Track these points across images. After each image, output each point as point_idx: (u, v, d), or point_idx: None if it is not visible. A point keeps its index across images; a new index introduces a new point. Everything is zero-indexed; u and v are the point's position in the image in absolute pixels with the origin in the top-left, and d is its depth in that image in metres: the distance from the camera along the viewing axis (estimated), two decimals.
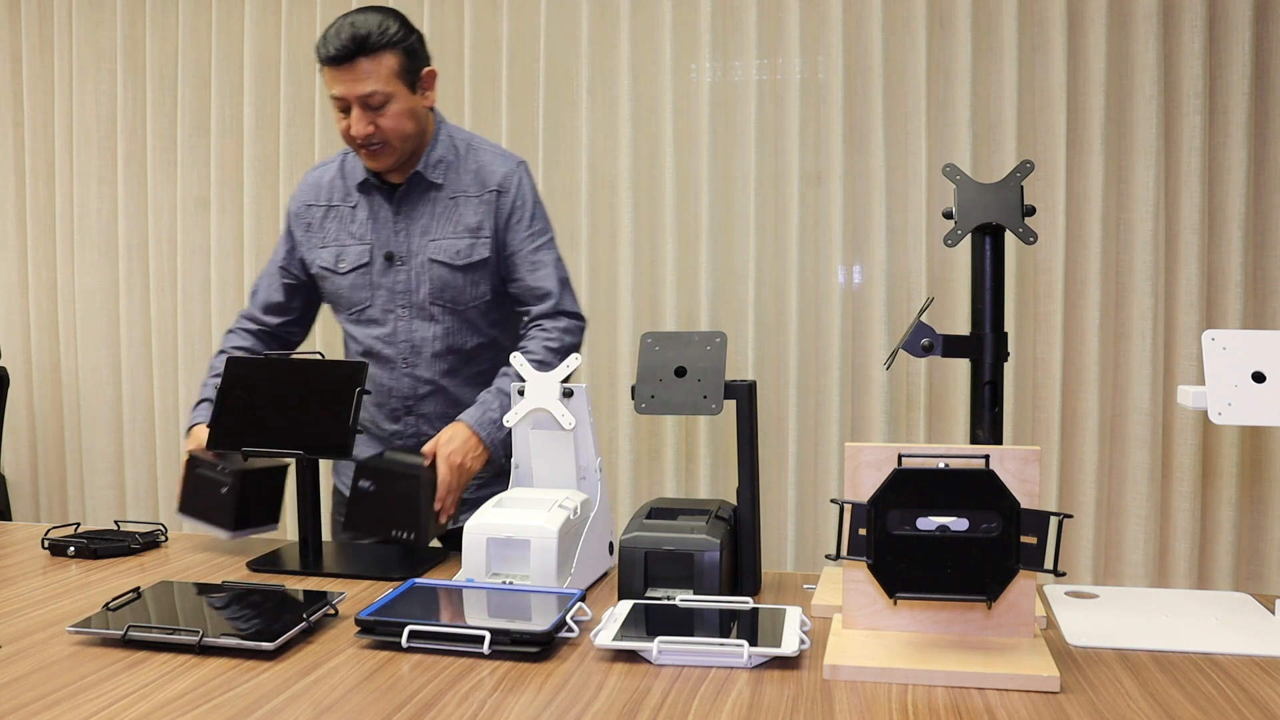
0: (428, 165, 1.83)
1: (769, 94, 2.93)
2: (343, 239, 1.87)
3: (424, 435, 1.87)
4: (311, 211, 1.91)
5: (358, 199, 1.87)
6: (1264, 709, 1.00)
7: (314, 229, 1.90)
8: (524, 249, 1.83)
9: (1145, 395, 2.77)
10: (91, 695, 1.04)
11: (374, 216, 1.85)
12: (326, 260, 1.88)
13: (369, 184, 1.86)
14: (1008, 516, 1.09)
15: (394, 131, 1.75)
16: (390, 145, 1.76)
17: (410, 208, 1.84)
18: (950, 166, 1.32)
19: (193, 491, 1.66)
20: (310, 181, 1.94)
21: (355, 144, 1.76)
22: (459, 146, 1.87)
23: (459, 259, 1.82)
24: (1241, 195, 2.71)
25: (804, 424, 2.93)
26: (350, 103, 1.72)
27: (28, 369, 3.46)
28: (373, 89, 1.70)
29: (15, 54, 3.43)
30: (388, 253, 1.83)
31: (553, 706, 1.01)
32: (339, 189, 1.89)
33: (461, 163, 1.85)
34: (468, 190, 1.83)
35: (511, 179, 1.84)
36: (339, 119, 1.76)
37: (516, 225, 1.83)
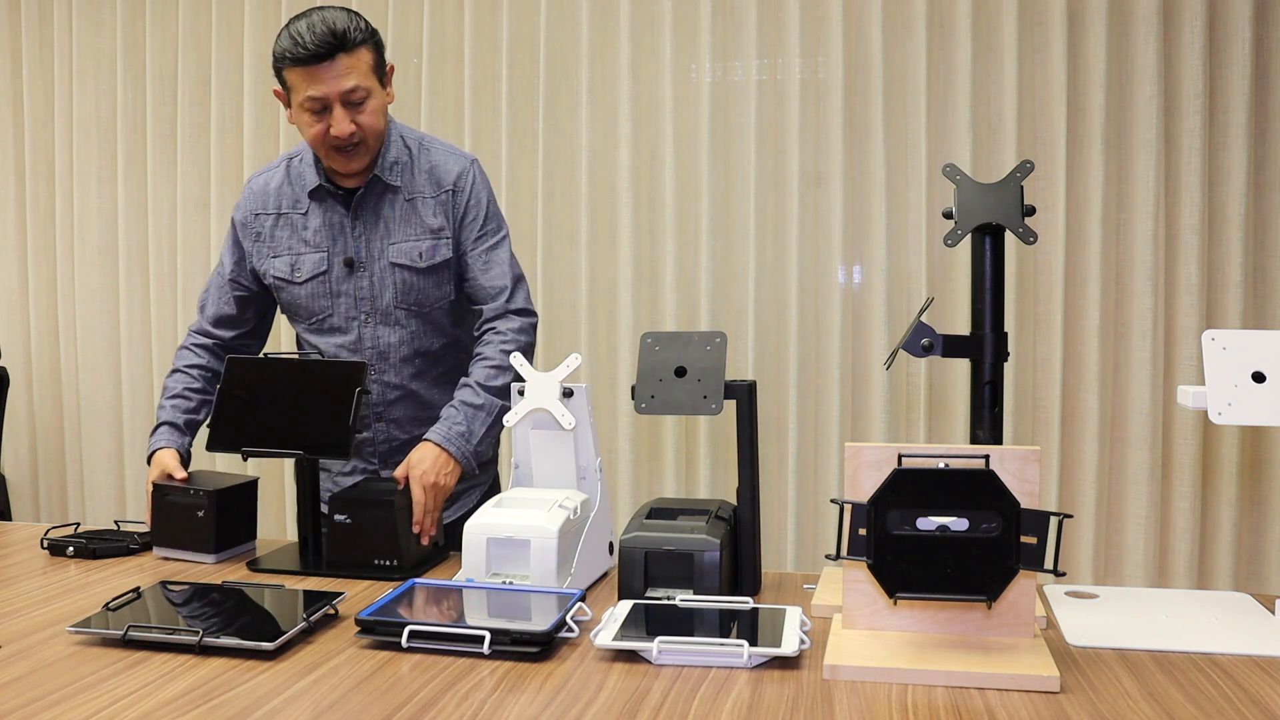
0: (384, 168, 1.77)
1: (769, 94, 2.93)
2: (296, 247, 1.81)
3: (395, 440, 1.85)
4: (260, 220, 1.83)
5: (309, 205, 1.80)
6: (1264, 709, 1.00)
7: (264, 238, 1.83)
8: (477, 248, 1.80)
9: (1145, 395, 2.77)
10: (91, 695, 1.04)
11: (328, 223, 1.79)
12: (281, 270, 1.81)
13: (322, 190, 1.79)
14: (1008, 516, 1.09)
15: (372, 129, 1.70)
16: (367, 144, 1.71)
17: (368, 212, 1.78)
18: (950, 166, 1.32)
19: (165, 521, 1.60)
20: (256, 189, 1.86)
21: (333, 146, 1.69)
22: (411, 146, 1.82)
23: (421, 261, 1.78)
24: (1241, 195, 2.71)
25: (804, 424, 2.93)
26: (330, 102, 1.65)
27: (28, 369, 3.46)
28: (355, 84, 1.65)
29: (15, 54, 3.43)
30: (347, 259, 1.78)
31: (553, 706, 1.01)
32: (287, 195, 1.82)
33: (415, 163, 1.80)
34: (424, 191, 1.79)
35: (465, 178, 1.80)
36: (310, 123, 1.68)
37: (470, 224, 1.80)
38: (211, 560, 1.59)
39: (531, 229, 3.03)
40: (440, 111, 3.10)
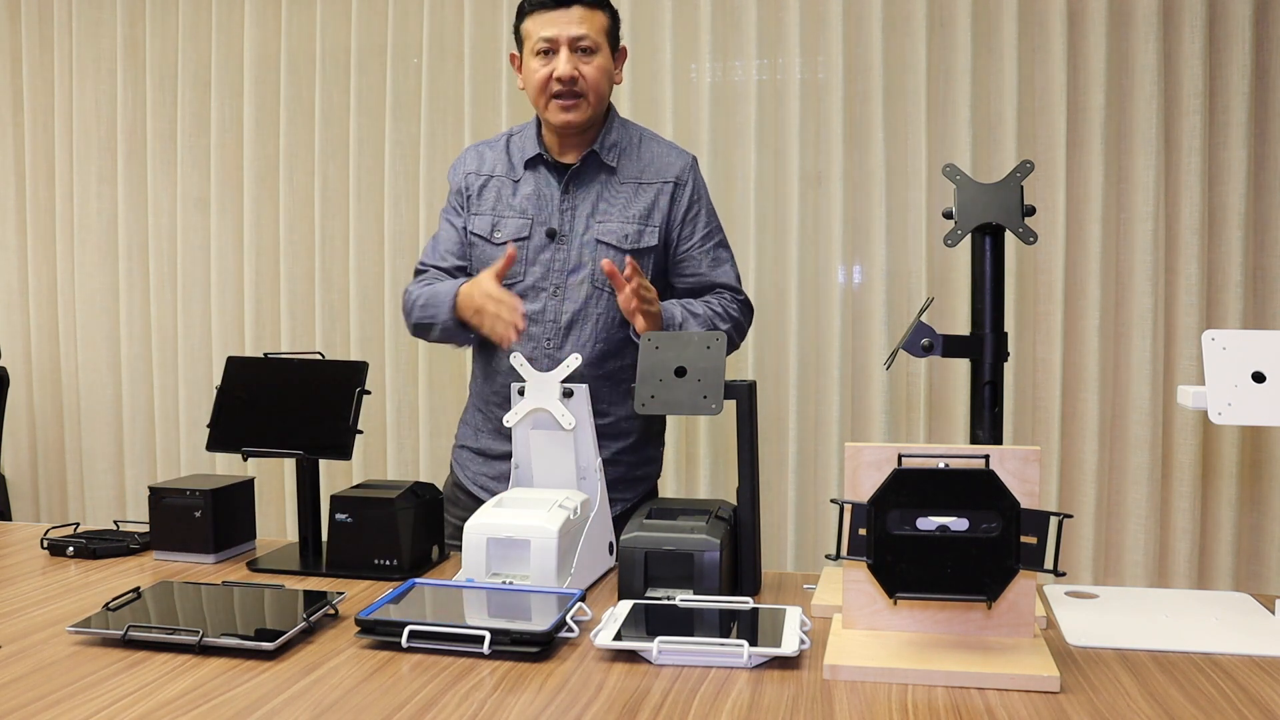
0: (603, 147, 1.83)
1: (769, 94, 2.93)
2: (501, 210, 1.85)
3: None
4: (470, 180, 1.89)
5: (523, 174, 1.86)
6: (1264, 709, 1.00)
7: (473, 198, 1.88)
8: (705, 244, 1.85)
9: (1145, 395, 2.77)
10: (91, 695, 1.04)
11: (539, 193, 1.84)
12: (481, 228, 1.85)
13: (539, 160, 1.85)
14: (1008, 516, 1.09)
15: (594, 83, 1.77)
16: (588, 99, 1.77)
17: (580, 187, 1.83)
18: (950, 166, 1.32)
19: (163, 524, 1.60)
20: (473, 153, 1.93)
21: (551, 91, 1.75)
22: (632, 135, 1.88)
23: (627, 243, 1.81)
24: (1241, 195, 2.71)
25: (804, 424, 2.93)
26: (560, 45, 1.74)
27: (28, 369, 3.46)
28: (586, 32, 1.75)
29: (15, 54, 3.43)
30: (550, 229, 1.82)
31: (553, 706, 1.01)
32: (502, 163, 1.88)
33: (635, 150, 1.86)
34: (641, 177, 1.83)
35: (688, 173, 1.86)
36: (537, 68, 1.77)
37: (694, 220, 1.85)
38: (211, 560, 1.59)
39: None
40: (440, 111, 3.10)
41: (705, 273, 1.85)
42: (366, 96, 3.14)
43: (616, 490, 1.80)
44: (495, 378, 1.88)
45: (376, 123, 3.15)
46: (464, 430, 1.97)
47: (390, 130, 3.11)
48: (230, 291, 3.27)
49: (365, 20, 3.13)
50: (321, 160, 3.16)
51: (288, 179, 3.19)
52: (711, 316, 1.81)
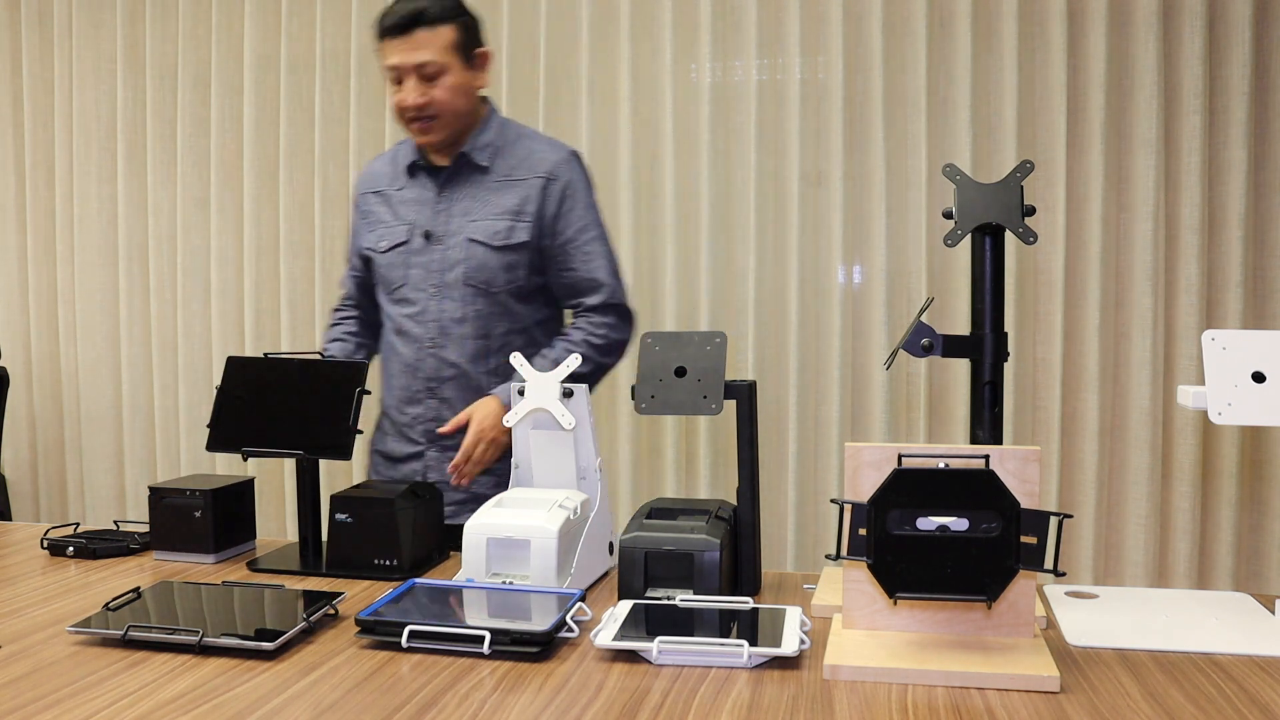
0: (474, 148, 1.85)
1: (769, 94, 2.93)
2: (387, 220, 1.91)
3: (444, 419, 1.88)
4: (367, 199, 1.97)
5: (405, 182, 1.91)
6: (1264, 709, 1.00)
7: (368, 216, 1.95)
8: (577, 239, 1.85)
9: (1145, 395, 2.77)
10: (91, 695, 1.04)
11: (418, 198, 1.89)
12: (371, 242, 1.93)
13: (416, 166, 1.90)
14: (1008, 516, 1.09)
15: (446, 105, 1.78)
16: (441, 119, 1.79)
17: (453, 189, 1.87)
18: (950, 166, 1.32)
19: (163, 524, 1.60)
20: (367, 172, 2.00)
21: (407, 116, 1.79)
22: (509, 134, 1.89)
23: (497, 239, 1.83)
24: (1241, 195, 2.71)
25: (804, 424, 2.93)
26: (405, 73, 1.76)
27: (28, 369, 3.46)
28: (428, 58, 1.75)
29: (15, 54, 3.43)
30: (426, 231, 1.86)
31: (553, 706, 1.01)
32: (388, 175, 1.95)
33: (510, 148, 1.87)
34: (513, 174, 1.85)
35: (562, 167, 1.86)
36: (393, 93, 1.80)
37: (568, 214, 1.85)
38: (211, 560, 1.59)
39: None
40: None
41: (577, 267, 1.86)
42: (366, 96, 3.14)
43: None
44: (391, 382, 1.95)
45: (376, 123, 3.15)
46: (376, 435, 2.04)
47: (390, 130, 3.11)
48: (230, 291, 3.27)
49: (365, 20, 3.13)
50: (321, 160, 3.16)
51: (288, 179, 3.19)
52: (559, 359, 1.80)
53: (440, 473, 1.90)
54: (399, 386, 1.92)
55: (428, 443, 1.90)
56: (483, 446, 1.70)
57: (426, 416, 1.90)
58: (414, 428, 1.91)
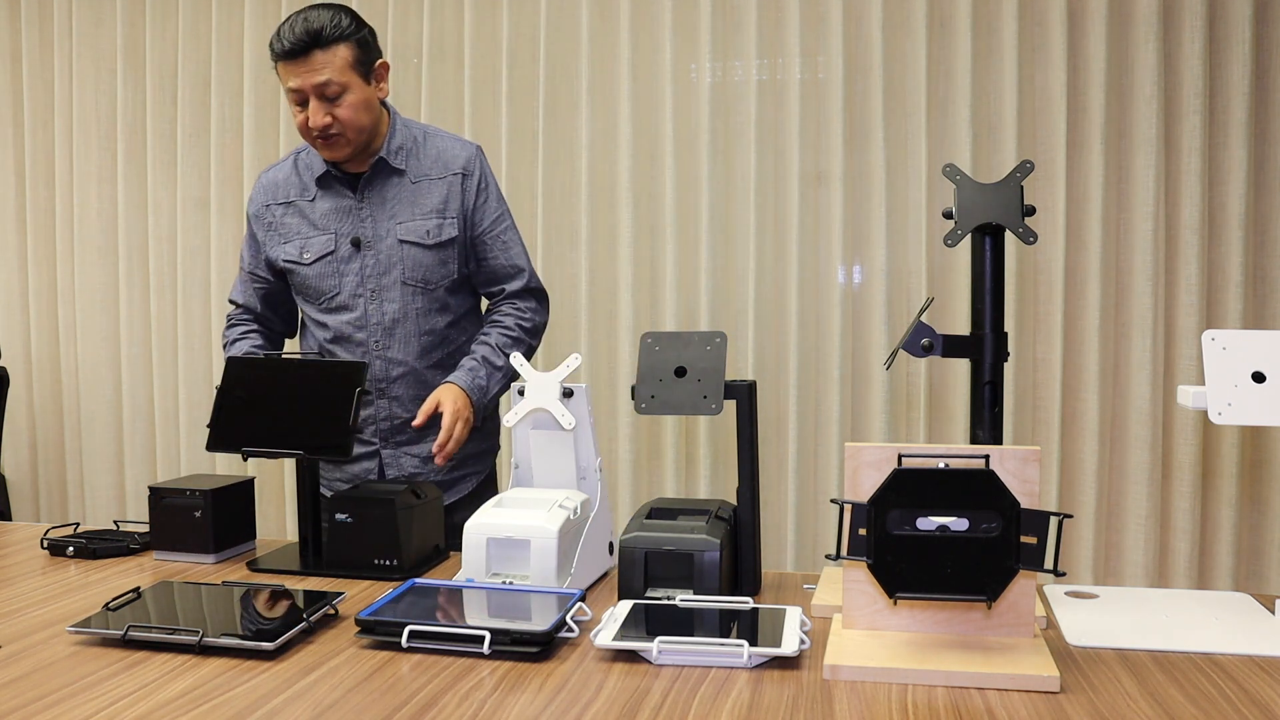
0: (390, 152, 1.87)
1: (769, 94, 2.93)
2: (305, 231, 1.90)
3: (397, 418, 1.91)
4: (270, 211, 1.93)
5: (316, 192, 1.90)
6: (1264, 709, 1.00)
7: (275, 227, 1.93)
8: (494, 229, 1.92)
9: (1145, 395, 2.77)
10: (91, 695, 1.04)
11: (336, 207, 1.89)
12: (291, 254, 1.91)
13: (329, 176, 1.89)
14: (1008, 516, 1.09)
15: (350, 122, 1.79)
16: (346, 136, 1.80)
17: (374, 194, 1.88)
18: (950, 166, 1.32)
19: (163, 524, 1.61)
20: (265, 183, 1.96)
21: (312, 135, 1.80)
22: (416, 135, 1.92)
23: (429, 238, 1.86)
24: (1241, 195, 2.71)
25: (804, 424, 2.93)
26: (307, 94, 1.77)
27: (28, 369, 3.46)
28: (327, 79, 1.75)
29: (15, 54, 3.43)
30: (354, 239, 1.87)
31: (553, 706, 1.01)
32: (295, 185, 1.92)
33: (421, 149, 1.90)
34: (430, 174, 1.89)
35: (474, 163, 1.91)
36: (296, 114, 1.80)
37: (483, 206, 1.90)
38: (211, 560, 1.59)
39: (531, 229, 3.03)
40: (440, 111, 3.10)
41: (497, 256, 1.91)
42: None
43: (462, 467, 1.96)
44: None
45: None
46: None
47: None
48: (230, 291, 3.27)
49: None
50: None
51: None
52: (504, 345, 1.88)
53: (397, 468, 1.93)
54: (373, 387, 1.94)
55: (381, 442, 1.92)
56: (460, 425, 1.73)
57: (379, 416, 1.92)
58: (364, 429, 1.93)
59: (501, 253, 1.92)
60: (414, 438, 1.92)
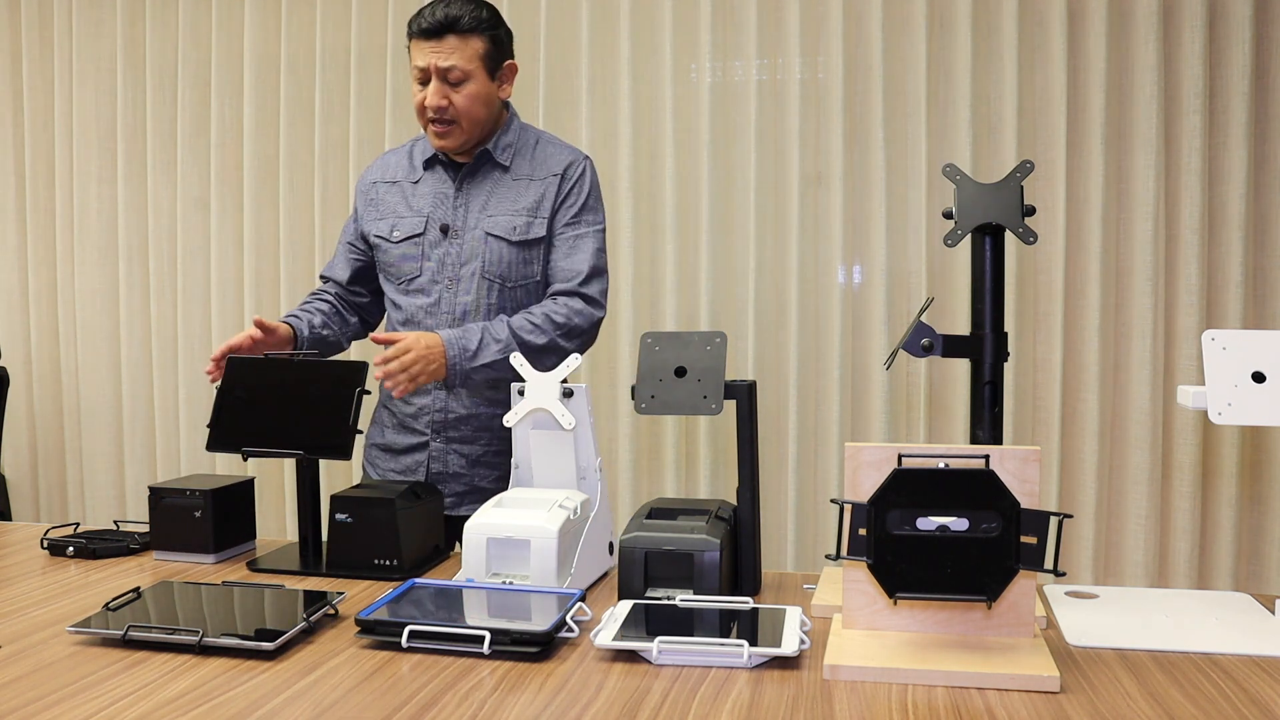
0: (497, 147, 1.89)
1: (769, 94, 2.93)
2: (400, 210, 1.93)
3: (452, 413, 1.90)
4: (376, 188, 1.97)
5: (421, 175, 1.93)
6: (1264, 709, 1.00)
7: (375, 203, 1.96)
8: (567, 232, 1.89)
9: (1145, 395, 2.77)
10: (91, 695, 1.04)
11: (434, 191, 1.91)
12: (382, 230, 1.93)
13: (435, 160, 1.92)
14: (1008, 516, 1.09)
15: (465, 111, 1.82)
16: (459, 125, 1.83)
17: (472, 184, 1.90)
18: (950, 166, 1.32)
19: (163, 524, 1.60)
20: (380, 162, 2.02)
21: (426, 117, 1.82)
22: (529, 137, 1.94)
23: (515, 234, 1.86)
24: (1241, 195, 2.71)
25: (804, 424, 2.93)
26: (430, 74, 1.80)
27: (28, 369, 3.46)
28: (454, 64, 1.79)
29: (15, 54, 3.43)
30: (443, 224, 1.88)
31: (553, 706, 1.01)
32: (404, 168, 1.96)
33: (530, 151, 1.92)
34: (532, 175, 1.90)
35: (575, 167, 1.91)
36: (416, 92, 1.83)
37: (566, 207, 1.89)
38: (211, 560, 1.59)
39: None
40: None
41: (559, 259, 1.88)
42: (366, 96, 3.14)
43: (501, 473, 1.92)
44: None
45: (376, 123, 3.15)
46: (373, 429, 2.03)
47: (390, 130, 3.11)
48: (230, 292, 3.27)
49: (365, 20, 3.13)
50: (321, 160, 3.16)
51: (288, 179, 3.19)
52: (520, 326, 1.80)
53: (443, 464, 1.91)
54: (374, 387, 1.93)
55: (433, 434, 1.91)
56: (413, 357, 1.67)
57: (434, 407, 1.90)
58: (419, 419, 1.91)
59: (564, 256, 1.87)
60: (466, 435, 1.90)
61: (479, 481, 1.91)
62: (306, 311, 1.94)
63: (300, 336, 1.86)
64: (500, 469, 1.91)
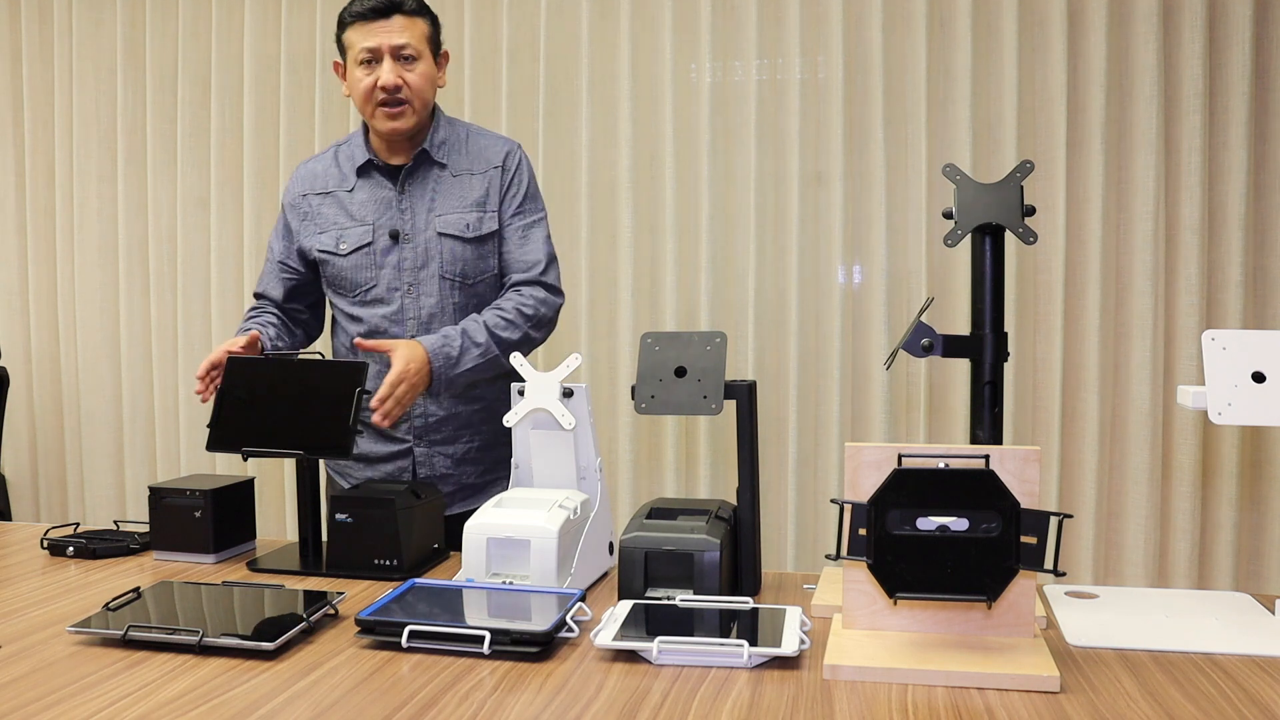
0: (433, 145, 1.88)
1: (769, 94, 2.93)
2: (342, 222, 1.89)
3: (432, 416, 1.89)
4: (307, 200, 1.93)
5: (355, 183, 1.90)
6: (1264, 709, 1.00)
7: (310, 216, 1.92)
8: (514, 222, 1.89)
9: (1145, 395, 2.77)
10: (91, 695, 1.04)
11: (375, 198, 1.88)
12: (326, 244, 1.90)
13: (370, 165, 1.89)
14: (1008, 516, 1.09)
15: (419, 90, 1.82)
16: (412, 105, 1.82)
17: (415, 186, 1.88)
18: (950, 166, 1.32)
19: (163, 524, 1.60)
20: (303, 173, 1.96)
21: (378, 100, 1.80)
22: (459, 131, 1.93)
23: (469, 232, 1.86)
24: (1241, 195, 2.71)
25: (804, 424, 2.93)
26: (382, 54, 1.79)
27: (28, 369, 3.46)
28: (407, 41, 1.80)
29: (15, 54, 3.43)
30: (392, 231, 1.86)
31: (553, 706, 1.01)
32: (334, 176, 1.92)
33: (463, 144, 1.91)
34: (471, 168, 1.89)
35: (512, 158, 1.91)
36: (361, 78, 1.81)
37: (510, 200, 1.89)
38: (211, 560, 1.59)
39: None
40: None
41: (511, 250, 1.89)
42: None
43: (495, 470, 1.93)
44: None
45: None
46: None
47: None
48: (230, 291, 3.27)
49: None
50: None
51: (287, 179, 3.18)
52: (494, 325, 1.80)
53: (429, 468, 1.91)
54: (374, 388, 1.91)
55: (415, 439, 1.91)
56: (404, 387, 1.67)
57: (414, 413, 1.90)
58: (398, 426, 1.91)
59: (517, 247, 1.88)
60: (448, 436, 1.90)
61: (466, 479, 1.92)
62: (260, 325, 1.90)
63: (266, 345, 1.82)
64: (484, 463, 1.92)
